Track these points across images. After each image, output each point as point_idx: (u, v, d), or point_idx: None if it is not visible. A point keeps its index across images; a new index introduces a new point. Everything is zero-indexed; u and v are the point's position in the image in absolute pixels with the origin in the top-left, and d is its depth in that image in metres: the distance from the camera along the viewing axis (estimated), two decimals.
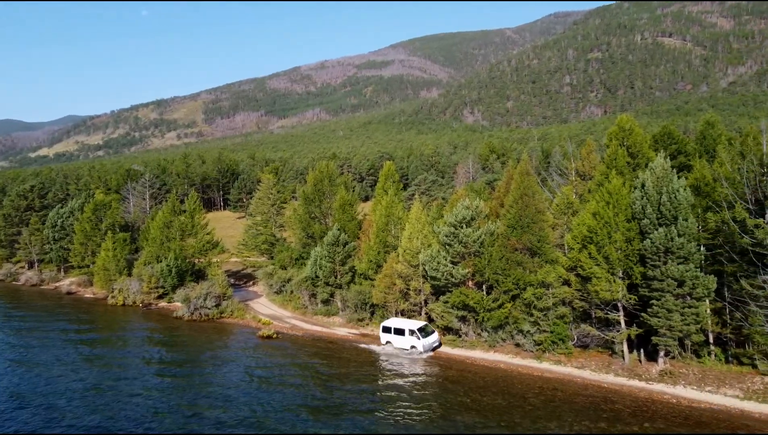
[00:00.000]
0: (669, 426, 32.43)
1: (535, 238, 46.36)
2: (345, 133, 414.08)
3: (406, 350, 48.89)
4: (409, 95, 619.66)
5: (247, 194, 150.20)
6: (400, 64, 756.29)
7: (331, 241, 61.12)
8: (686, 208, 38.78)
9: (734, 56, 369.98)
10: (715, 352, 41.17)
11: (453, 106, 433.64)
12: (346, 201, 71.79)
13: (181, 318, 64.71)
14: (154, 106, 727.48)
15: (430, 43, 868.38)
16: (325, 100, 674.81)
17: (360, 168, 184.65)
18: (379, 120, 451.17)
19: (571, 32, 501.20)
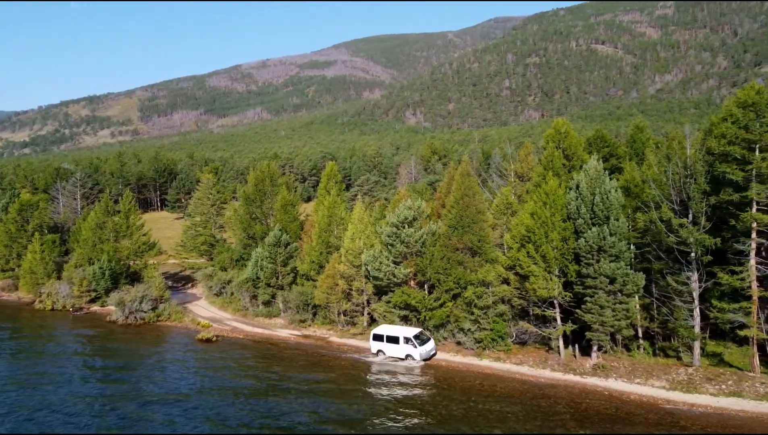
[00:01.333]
0: (601, 418, 33.68)
1: (475, 237, 47.28)
2: (287, 133, 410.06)
3: (400, 359, 45.84)
4: (352, 96, 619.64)
5: (185, 194, 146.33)
6: (343, 64, 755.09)
7: (273, 242, 60.38)
8: (617, 208, 40.45)
9: (661, 64, 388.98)
10: (644, 345, 43.19)
11: (395, 108, 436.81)
12: (288, 201, 71.07)
13: (115, 322, 62.34)
14: (86, 103, 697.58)
15: (373, 45, 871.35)
16: (266, 100, 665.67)
17: (302, 168, 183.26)
18: (322, 120, 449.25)
19: (511, 37, 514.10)
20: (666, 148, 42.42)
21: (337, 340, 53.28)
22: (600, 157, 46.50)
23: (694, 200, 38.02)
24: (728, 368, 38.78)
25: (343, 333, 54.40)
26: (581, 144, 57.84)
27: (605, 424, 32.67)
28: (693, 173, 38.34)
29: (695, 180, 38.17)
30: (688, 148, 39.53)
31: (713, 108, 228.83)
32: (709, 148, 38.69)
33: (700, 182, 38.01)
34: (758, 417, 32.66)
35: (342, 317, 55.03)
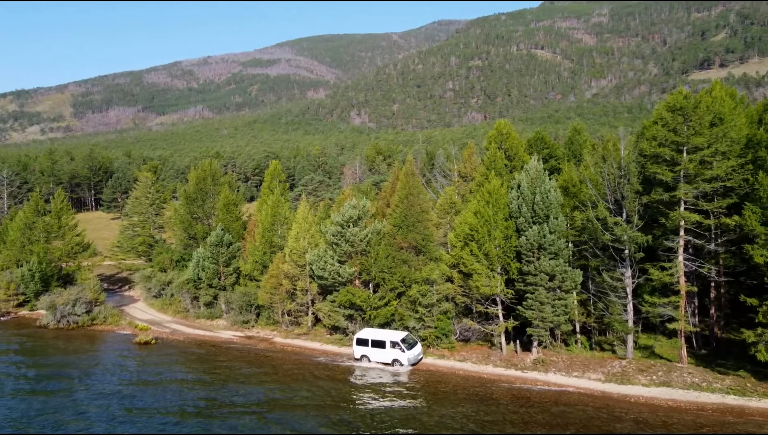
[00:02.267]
0: (541, 410, 34.60)
1: (420, 236, 47.74)
2: (229, 132, 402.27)
3: (387, 365, 43.81)
4: (296, 95, 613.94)
5: (122, 194, 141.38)
6: (287, 63, 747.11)
7: (215, 242, 59.13)
8: (557, 207, 41.70)
9: (597, 70, 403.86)
10: (581, 340, 44.73)
11: (340, 108, 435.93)
12: (231, 200, 69.73)
13: (45, 327, 59.50)
14: (14, 97, 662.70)
15: (318, 44, 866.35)
16: (208, 98, 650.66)
17: (245, 168, 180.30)
18: (265, 119, 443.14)
19: (454, 40, 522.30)
20: (602, 150, 44.00)
21: (281, 340, 52.65)
22: (540, 158, 47.78)
23: (627, 199, 39.62)
24: (659, 360, 40.63)
25: (287, 333, 53.82)
26: (522, 145, 59.32)
27: (544, 416, 33.57)
28: (627, 174, 39.93)
29: (629, 180, 39.78)
30: (622, 150, 41.14)
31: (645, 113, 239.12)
32: (642, 150, 40.38)
33: (633, 182, 39.65)
34: (685, 405, 34.35)
35: (286, 317, 54.44)
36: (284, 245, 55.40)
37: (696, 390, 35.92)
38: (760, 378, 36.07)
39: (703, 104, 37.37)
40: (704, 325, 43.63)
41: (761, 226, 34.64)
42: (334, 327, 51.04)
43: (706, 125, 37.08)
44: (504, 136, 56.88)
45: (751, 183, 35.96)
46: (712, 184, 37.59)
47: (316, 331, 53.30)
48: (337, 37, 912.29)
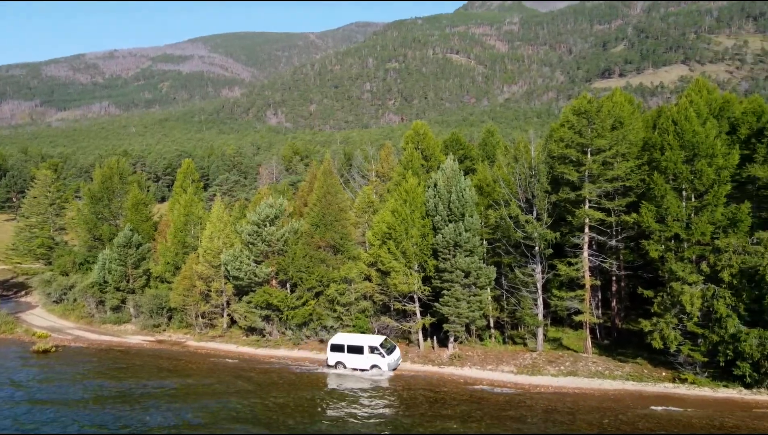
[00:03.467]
0: (458, 403, 35.42)
1: (338, 235, 47.63)
2: (138, 129, 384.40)
3: (365, 371, 41.67)
4: (210, 93, 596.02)
5: (18, 193, 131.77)
6: (200, 60, 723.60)
7: (123, 243, 56.35)
8: (472, 205, 42.89)
9: (509, 76, 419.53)
10: (495, 334, 46.23)
11: (256, 107, 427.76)
12: (140, 200, 66.65)
13: None
14: None
15: (233, 41, 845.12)
16: (114, 93, 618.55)
17: (156, 167, 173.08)
18: (177, 117, 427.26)
19: (372, 42, 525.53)
20: (514, 151, 45.65)
21: (194, 343, 50.88)
22: (456, 158, 48.89)
23: (537, 198, 41.34)
24: (566, 351, 42.71)
25: (201, 336, 52.07)
26: (438, 146, 60.58)
27: (461, 407, 34.36)
28: (537, 174, 41.67)
29: (539, 180, 41.52)
30: (533, 151, 42.88)
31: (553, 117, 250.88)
32: (550, 152, 42.29)
33: (543, 182, 41.43)
34: (590, 392, 36.29)
35: (200, 320, 52.67)
36: (198, 245, 53.63)
37: (599, 378, 38.02)
38: (655, 364, 38.69)
39: (605, 108, 39.66)
40: (607, 317, 46.25)
41: (656, 223, 37.19)
42: (250, 328, 49.92)
43: (607, 128, 39.37)
44: (421, 137, 57.82)
45: (648, 183, 38.46)
46: (613, 184, 39.94)
47: (231, 332, 51.94)
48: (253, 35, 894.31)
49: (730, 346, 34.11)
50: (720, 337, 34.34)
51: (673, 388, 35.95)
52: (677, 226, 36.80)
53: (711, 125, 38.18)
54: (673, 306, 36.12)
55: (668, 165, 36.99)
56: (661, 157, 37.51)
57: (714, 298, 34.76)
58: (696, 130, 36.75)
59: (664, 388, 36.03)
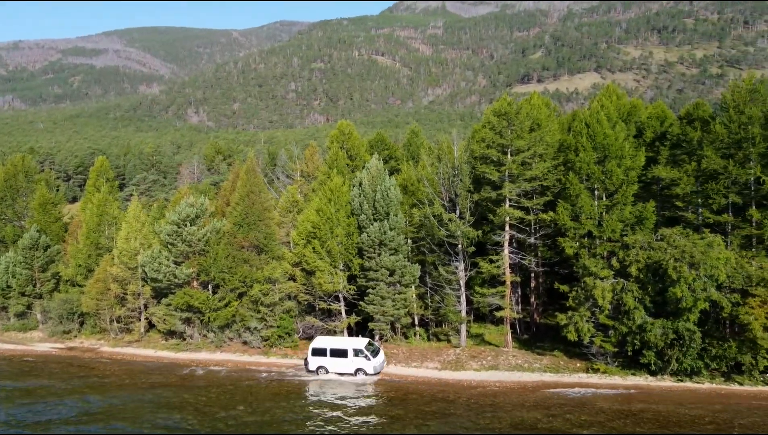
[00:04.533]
0: (386, 399, 35.64)
1: (261, 235, 46.80)
2: (47, 125, 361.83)
3: (349, 376, 40.17)
4: (127, 89, 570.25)
5: None
6: (116, 54, 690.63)
7: (29, 245, 52.97)
8: (396, 204, 43.31)
9: (433, 79, 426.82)
10: (419, 332, 46.88)
11: (176, 105, 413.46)
12: (48, 199, 62.81)
13: None
14: None
15: (151, 36, 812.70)
16: (19, 87, 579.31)
17: (66, 165, 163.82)
18: (90, 114, 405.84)
19: (297, 41, 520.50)
20: (437, 152, 46.50)
21: (109, 349, 48.56)
22: (381, 158, 49.31)
23: (460, 197, 42.27)
24: (488, 346, 43.92)
25: (116, 342, 49.73)
26: (364, 145, 60.76)
27: (386, 407, 34.59)
28: (459, 173, 42.62)
29: (461, 179, 42.48)
30: (456, 151, 43.84)
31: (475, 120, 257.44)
32: (473, 152, 43.39)
33: (466, 181, 42.43)
34: (510, 384, 37.54)
35: (115, 325, 50.29)
36: (113, 247, 51.17)
37: (519, 371, 39.37)
38: (570, 356, 40.49)
39: (523, 111, 41.11)
40: (526, 312, 47.94)
41: (571, 221, 38.96)
42: (170, 332, 48.16)
43: (526, 130, 40.83)
44: (346, 136, 57.82)
45: (563, 183, 40.23)
46: (532, 184, 41.47)
47: (150, 337, 49.93)
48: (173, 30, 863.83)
49: (637, 337, 36.21)
50: (628, 328, 36.38)
51: (587, 377, 37.75)
52: (590, 224, 38.71)
53: (620, 129, 40.39)
54: (586, 300, 37.94)
55: (582, 165, 38.83)
56: (576, 158, 39.33)
57: (623, 292, 36.77)
58: (606, 133, 38.79)
59: (579, 378, 37.78)
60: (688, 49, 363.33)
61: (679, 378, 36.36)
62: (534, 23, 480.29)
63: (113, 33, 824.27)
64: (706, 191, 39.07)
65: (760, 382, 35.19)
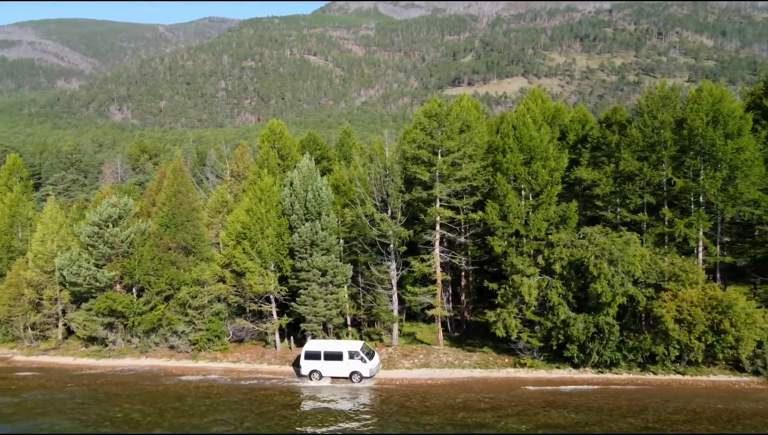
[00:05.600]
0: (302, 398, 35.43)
1: (189, 236, 45.50)
2: None
3: (344, 379, 39.01)
4: (43, 84, 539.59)
5: None
6: (30, 46, 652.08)
7: None
8: (328, 204, 43.14)
9: (366, 80, 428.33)
10: (352, 332, 46.88)
11: (98, 101, 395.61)
12: None
13: None
14: None
15: (69, 28, 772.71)
16: None
17: None
18: (2, 109, 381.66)
19: (226, 38, 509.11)
20: (369, 152, 46.70)
21: (22, 358, 45.84)
22: (313, 158, 48.95)
23: (392, 197, 42.58)
24: (420, 344, 44.47)
25: (31, 350, 47.01)
26: (295, 145, 60.27)
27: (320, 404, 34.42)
28: (391, 174, 42.93)
29: (393, 180, 42.81)
30: (387, 152, 44.14)
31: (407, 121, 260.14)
32: (404, 152, 43.82)
33: (397, 181, 42.80)
34: (442, 381, 38.12)
35: (30, 332, 47.52)
36: (27, 249, 48.29)
37: (450, 368, 40.08)
38: (499, 352, 41.60)
39: (453, 112, 41.91)
40: (457, 310, 48.85)
41: (499, 221, 40.07)
42: (91, 338, 45.97)
43: (456, 131, 41.63)
44: (277, 136, 57.13)
45: (492, 183, 41.29)
46: (462, 184, 42.33)
47: (68, 344, 47.52)
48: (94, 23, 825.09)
49: (561, 331, 37.65)
50: (553, 324, 37.77)
51: (515, 372, 38.91)
52: (517, 223, 39.95)
53: (545, 131, 41.91)
54: (514, 297, 39.10)
55: (509, 166, 40.00)
56: (503, 159, 40.46)
57: (548, 289, 38.15)
58: (532, 136, 40.15)
59: (507, 374, 38.88)
60: (608, 57, 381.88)
61: (599, 370, 38.08)
62: (464, 27, 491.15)
63: (27, 24, 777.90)
64: (624, 192, 41.22)
65: (671, 370, 37.38)
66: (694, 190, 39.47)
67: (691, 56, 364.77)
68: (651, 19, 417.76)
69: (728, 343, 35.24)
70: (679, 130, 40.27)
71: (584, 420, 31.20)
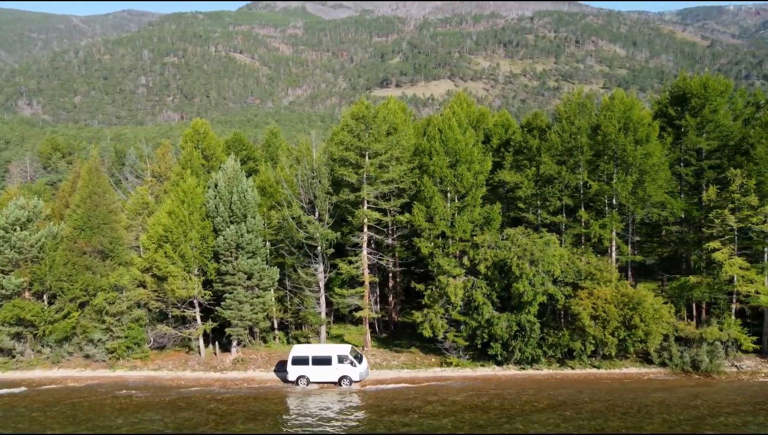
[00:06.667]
0: (240, 405, 34.61)
1: (106, 239, 43.48)
2: None
3: (332, 384, 38.17)
4: None
5: None
6: None
7: None
8: (254, 206, 42.35)
9: (293, 79, 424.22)
10: (279, 335, 46.31)
11: (5, 94, 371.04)
12: None
13: None
14: None
15: None
16: None
17: None
18: None
19: (147, 33, 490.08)
20: (296, 153, 46.20)
21: None
22: (238, 159, 47.88)
23: (319, 199, 42.34)
24: None
25: None
26: (220, 145, 58.74)
27: (244, 412, 33.66)
28: (318, 175, 42.68)
29: (320, 181, 42.59)
30: (315, 153, 43.87)
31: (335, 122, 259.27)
32: (331, 154, 43.71)
33: (324, 183, 42.61)
34: (368, 382, 38.24)
35: None
36: None
37: (378, 368, 40.33)
38: (426, 352, 42.27)
39: (380, 114, 42.20)
40: (385, 312, 49.21)
41: (426, 222, 40.70)
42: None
43: (383, 133, 41.94)
44: (201, 136, 55.48)
45: (418, 185, 41.88)
46: (389, 186, 42.68)
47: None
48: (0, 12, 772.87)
49: (485, 330, 38.69)
50: (478, 323, 38.75)
51: (441, 371, 39.65)
52: (443, 225, 40.73)
53: (470, 135, 42.93)
54: (440, 297, 39.84)
55: (435, 169, 40.70)
56: (430, 161, 41.12)
57: (473, 289, 39.10)
58: (457, 139, 41.03)
59: (434, 373, 39.56)
60: (530, 62, 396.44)
61: (521, 366, 39.43)
62: (392, 29, 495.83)
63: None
64: (544, 194, 42.86)
65: (588, 365, 39.25)
66: (607, 192, 41.56)
67: (605, 64, 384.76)
68: (569, 27, 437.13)
69: (638, 337, 37.43)
70: (594, 136, 42.31)
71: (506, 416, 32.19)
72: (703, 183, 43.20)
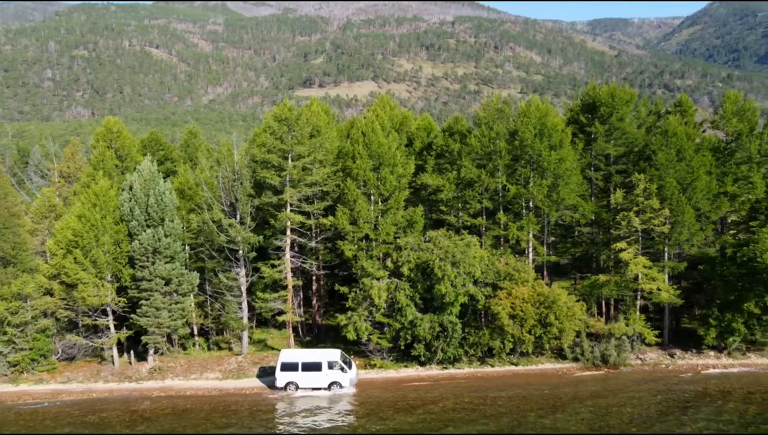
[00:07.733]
0: (160, 417, 33.33)
1: (8, 245, 40.66)
2: None
3: (322, 390, 37.25)
4: None
5: None
6: None
7: None
8: (172, 209, 40.88)
9: (213, 77, 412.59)
10: (199, 342, 44.99)
11: None
12: None
13: None
14: None
15: None
16: None
17: None
18: None
19: (53, 23, 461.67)
20: (217, 154, 45.04)
21: None
22: (155, 160, 46.16)
23: (241, 202, 41.49)
24: (271, 351, 43.83)
25: None
26: (135, 145, 56.50)
27: (163, 424, 32.43)
28: (240, 178, 41.83)
29: (242, 184, 41.75)
30: (236, 155, 42.93)
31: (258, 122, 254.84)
32: (254, 156, 42.89)
33: (246, 186, 41.81)
34: None
35: None
36: None
37: None
38: (350, 354, 42.26)
39: (303, 117, 41.88)
40: (309, 315, 48.90)
41: (350, 225, 40.79)
42: None
43: (306, 135, 41.66)
44: (115, 135, 53.09)
45: (342, 188, 41.87)
46: (312, 189, 42.46)
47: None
48: None
49: (409, 332, 39.24)
50: (401, 325, 39.23)
51: (365, 373, 39.81)
52: (367, 228, 40.94)
53: (393, 138, 43.46)
54: (364, 300, 40.03)
55: (359, 172, 40.86)
56: (353, 164, 41.24)
57: (396, 291, 39.55)
58: (381, 142, 41.39)
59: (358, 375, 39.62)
60: (451, 66, 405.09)
61: (444, 366, 40.28)
62: (316, 29, 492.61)
63: None
64: (465, 197, 43.99)
65: (507, 362, 40.66)
66: (525, 196, 43.21)
67: (523, 70, 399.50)
68: (489, 33, 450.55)
69: (553, 335, 39.15)
70: (512, 141, 43.88)
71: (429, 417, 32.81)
72: (611, 187, 45.82)
